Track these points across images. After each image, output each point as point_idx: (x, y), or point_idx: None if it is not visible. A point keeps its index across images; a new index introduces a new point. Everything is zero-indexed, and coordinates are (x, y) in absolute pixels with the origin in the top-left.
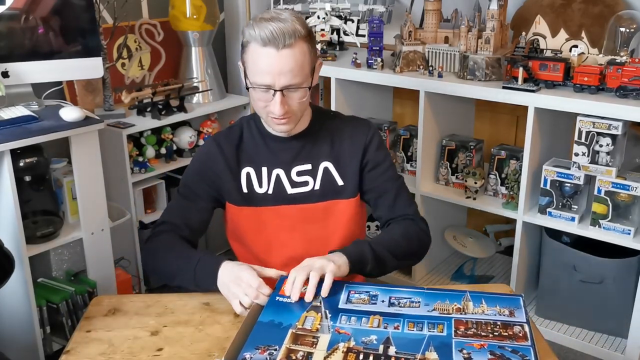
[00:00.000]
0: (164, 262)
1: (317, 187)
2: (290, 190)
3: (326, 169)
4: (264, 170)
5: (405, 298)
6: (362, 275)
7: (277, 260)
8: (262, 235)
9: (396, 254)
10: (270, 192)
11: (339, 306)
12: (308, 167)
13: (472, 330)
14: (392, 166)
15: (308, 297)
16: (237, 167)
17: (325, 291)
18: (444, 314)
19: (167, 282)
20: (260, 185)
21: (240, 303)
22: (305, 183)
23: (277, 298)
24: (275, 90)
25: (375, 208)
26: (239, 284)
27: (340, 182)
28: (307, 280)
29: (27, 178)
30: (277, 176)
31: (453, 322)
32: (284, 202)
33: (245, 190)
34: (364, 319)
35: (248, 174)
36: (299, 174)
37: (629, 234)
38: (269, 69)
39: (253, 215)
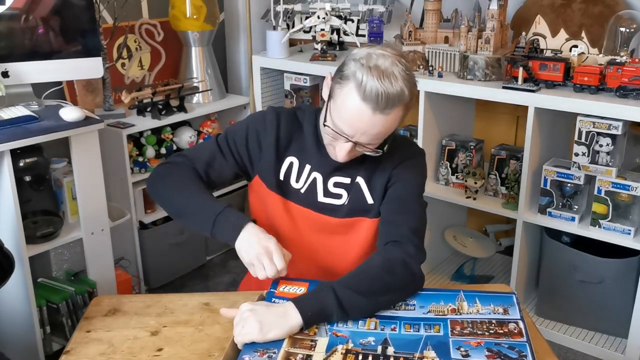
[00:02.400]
0: (178, 195)
1: (347, 202)
2: (321, 198)
3: (357, 185)
4: (307, 167)
5: (400, 302)
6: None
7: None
8: (282, 223)
9: (372, 291)
10: (303, 191)
11: None
12: (347, 180)
13: (468, 329)
14: (415, 189)
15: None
16: (284, 151)
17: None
18: (440, 315)
19: (171, 214)
20: (297, 180)
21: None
22: (339, 196)
23: (274, 300)
24: (349, 140)
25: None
26: (265, 256)
27: (370, 201)
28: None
29: (27, 178)
30: (315, 180)
31: (449, 323)
32: (311, 206)
33: (281, 177)
34: (360, 322)
35: (291, 164)
36: (336, 185)
37: (629, 234)
38: (356, 124)
39: (280, 204)
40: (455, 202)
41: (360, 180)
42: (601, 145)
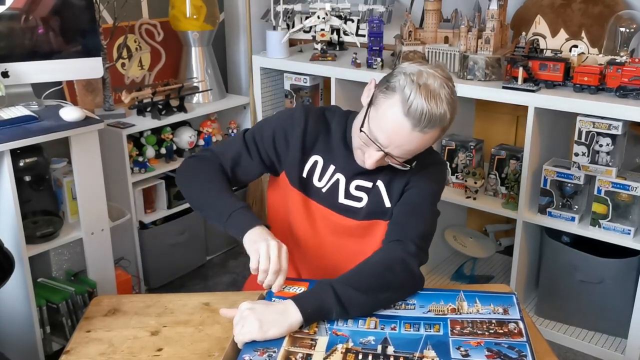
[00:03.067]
0: (201, 189)
1: (367, 205)
2: (342, 199)
3: (376, 188)
4: (331, 168)
5: (399, 300)
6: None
7: (299, 255)
8: (300, 220)
9: (371, 288)
10: (324, 190)
11: None
12: (369, 184)
13: (468, 329)
14: (429, 196)
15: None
16: (310, 149)
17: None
18: (440, 314)
19: (193, 207)
20: (320, 179)
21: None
22: (359, 199)
23: (274, 299)
24: (381, 150)
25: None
26: (264, 248)
27: (387, 204)
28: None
29: (27, 178)
30: (337, 181)
31: (449, 322)
32: (331, 207)
33: (304, 175)
34: (360, 320)
35: (315, 162)
36: (358, 188)
37: (629, 234)
38: (392, 137)
39: (301, 201)
40: (455, 202)
41: (380, 183)
42: (601, 145)
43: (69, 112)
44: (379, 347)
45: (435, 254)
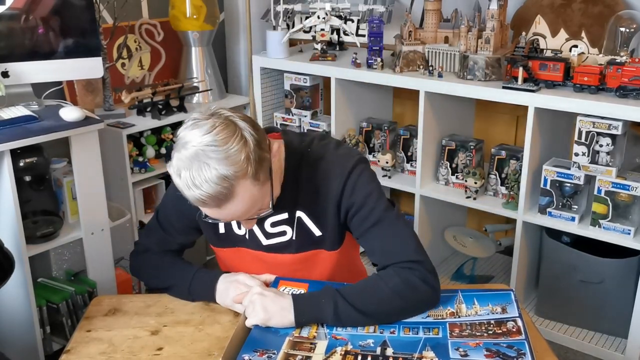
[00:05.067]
0: (155, 279)
1: (294, 237)
2: (265, 241)
3: (299, 219)
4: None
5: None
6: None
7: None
8: (244, 268)
9: (371, 313)
10: (247, 237)
11: None
12: (284, 216)
13: (467, 331)
14: (376, 206)
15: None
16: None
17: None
18: (439, 319)
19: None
20: (239, 227)
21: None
22: (283, 233)
23: (281, 289)
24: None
25: (370, 255)
26: (237, 287)
27: (317, 233)
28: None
29: (27, 178)
30: (251, 230)
31: (448, 326)
32: (260, 249)
33: (222, 230)
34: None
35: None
36: (274, 224)
37: (629, 234)
38: (217, 217)
39: (235, 253)
40: (455, 202)
41: (301, 214)
42: (601, 145)
43: (69, 112)
44: (378, 349)
45: (435, 254)
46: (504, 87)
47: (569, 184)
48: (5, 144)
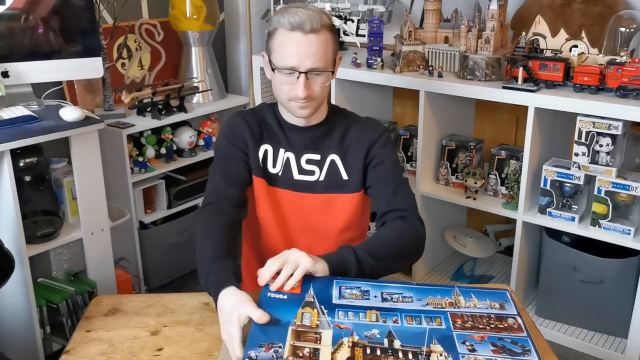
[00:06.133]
0: (198, 249)
1: (322, 178)
2: (297, 176)
3: (332, 162)
4: (281, 151)
5: (396, 293)
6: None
7: (271, 243)
8: (265, 208)
9: (385, 259)
10: (280, 174)
11: (333, 302)
12: (317, 157)
13: (469, 323)
14: (395, 165)
15: (282, 285)
16: (259, 141)
17: (288, 285)
18: (438, 308)
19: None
20: (274, 165)
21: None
22: (312, 172)
23: (269, 294)
24: (300, 73)
25: (374, 200)
26: (228, 341)
27: (345, 177)
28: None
29: (27, 178)
30: (288, 159)
31: (449, 316)
32: (289, 187)
33: (261, 164)
34: (361, 313)
35: (266, 151)
36: (308, 162)
37: (629, 234)
38: (295, 50)
39: (264, 189)
40: (455, 202)
41: (335, 157)
42: (601, 145)
43: (69, 112)
44: (385, 341)
45: (435, 254)
46: (504, 87)
47: (569, 184)
48: (5, 144)
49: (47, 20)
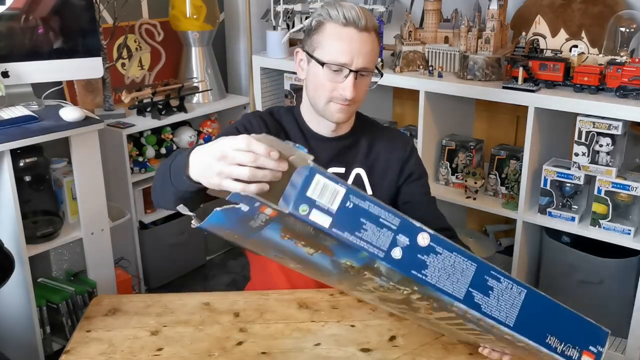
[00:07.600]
0: (157, 189)
1: None
2: None
3: (358, 176)
4: None
5: None
6: None
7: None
8: None
9: None
10: None
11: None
12: (342, 170)
13: None
14: (427, 182)
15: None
16: None
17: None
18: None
19: (166, 205)
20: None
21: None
22: None
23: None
24: (350, 71)
25: (413, 216)
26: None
27: (369, 192)
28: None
29: (27, 178)
30: None
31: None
32: None
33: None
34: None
35: None
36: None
37: (629, 234)
38: (349, 47)
39: None
40: (455, 202)
41: (360, 170)
42: (601, 145)
43: (69, 112)
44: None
45: None
46: (504, 87)
47: (569, 184)
48: (5, 144)
49: (47, 20)
